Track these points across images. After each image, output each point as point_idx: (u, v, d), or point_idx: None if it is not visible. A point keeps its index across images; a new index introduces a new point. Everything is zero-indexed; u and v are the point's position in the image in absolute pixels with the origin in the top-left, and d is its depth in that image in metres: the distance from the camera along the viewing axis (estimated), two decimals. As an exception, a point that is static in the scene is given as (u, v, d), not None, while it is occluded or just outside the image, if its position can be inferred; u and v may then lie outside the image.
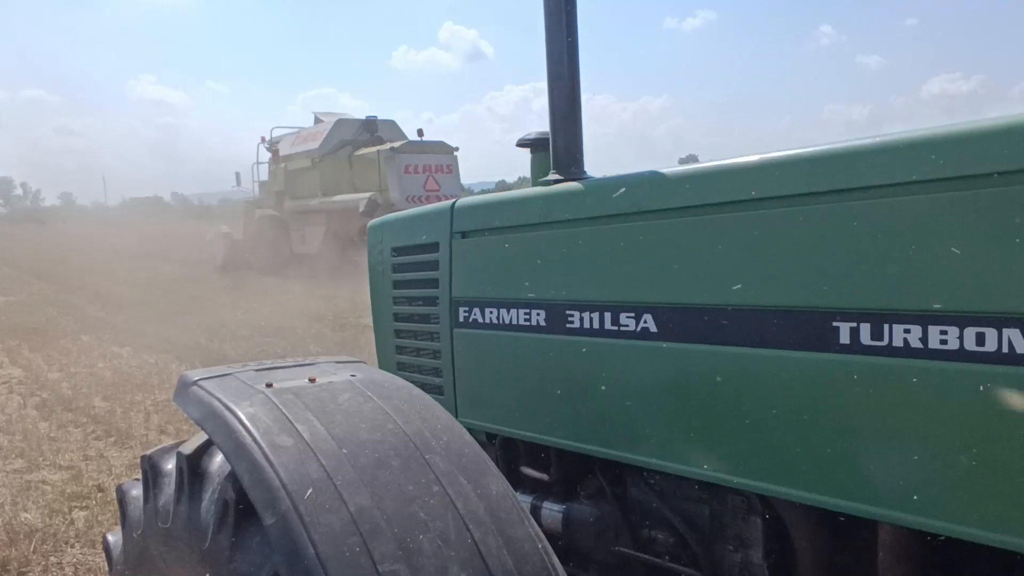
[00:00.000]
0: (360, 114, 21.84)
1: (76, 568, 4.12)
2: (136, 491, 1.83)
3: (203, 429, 1.53)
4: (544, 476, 2.15)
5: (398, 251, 2.47)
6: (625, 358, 1.79)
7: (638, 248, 1.75)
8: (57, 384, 8.51)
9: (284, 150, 22.26)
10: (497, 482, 1.46)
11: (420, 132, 19.95)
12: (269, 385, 1.57)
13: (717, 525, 1.82)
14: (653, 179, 1.75)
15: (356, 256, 16.15)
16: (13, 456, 6.08)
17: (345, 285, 14.64)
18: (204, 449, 1.60)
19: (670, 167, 1.77)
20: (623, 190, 1.79)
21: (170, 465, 1.69)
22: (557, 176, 2.02)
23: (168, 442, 5.61)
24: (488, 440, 2.24)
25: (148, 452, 1.76)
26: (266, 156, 23.47)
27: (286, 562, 1.26)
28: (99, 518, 4.76)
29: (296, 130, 22.69)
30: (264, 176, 23.67)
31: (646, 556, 1.93)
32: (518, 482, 2.17)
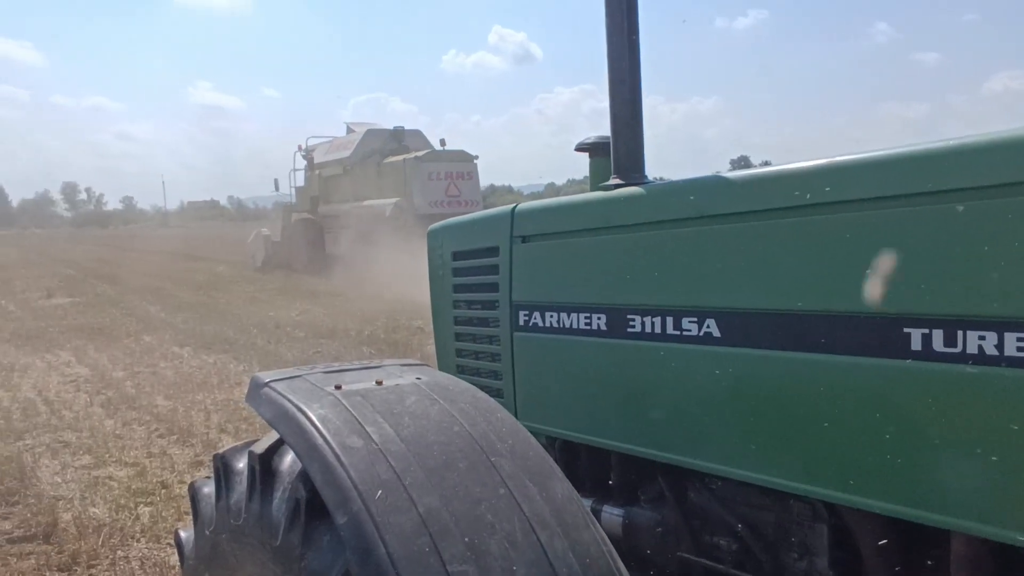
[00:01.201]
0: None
1: (142, 562, 4.24)
2: (208, 489, 1.88)
3: (275, 429, 1.57)
4: (604, 480, 2.16)
5: (458, 255, 2.50)
6: (687, 363, 1.79)
7: (701, 252, 1.74)
8: (121, 383, 8.77)
9: (319, 158, 24.04)
10: (562, 485, 1.47)
11: (443, 142, 21.71)
12: (338, 387, 1.60)
13: (781, 532, 1.80)
14: (717, 183, 1.75)
15: (383, 257, 17.38)
16: (81, 452, 6.28)
17: (392, 286, 15.16)
18: (275, 449, 1.64)
19: (734, 171, 1.76)
20: (686, 194, 1.79)
21: (241, 464, 1.74)
22: (618, 181, 2.03)
23: (228, 440, 5.76)
24: (548, 443, 2.25)
25: (220, 451, 1.81)
26: (302, 163, 25.24)
27: (357, 560, 1.28)
28: (163, 514, 4.89)
29: (330, 139, 24.48)
30: (300, 182, 25.40)
31: (708, 562, 1.92)
32: (578, 486, 2.17)
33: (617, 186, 2.01)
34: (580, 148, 2.51)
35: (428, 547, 1.27)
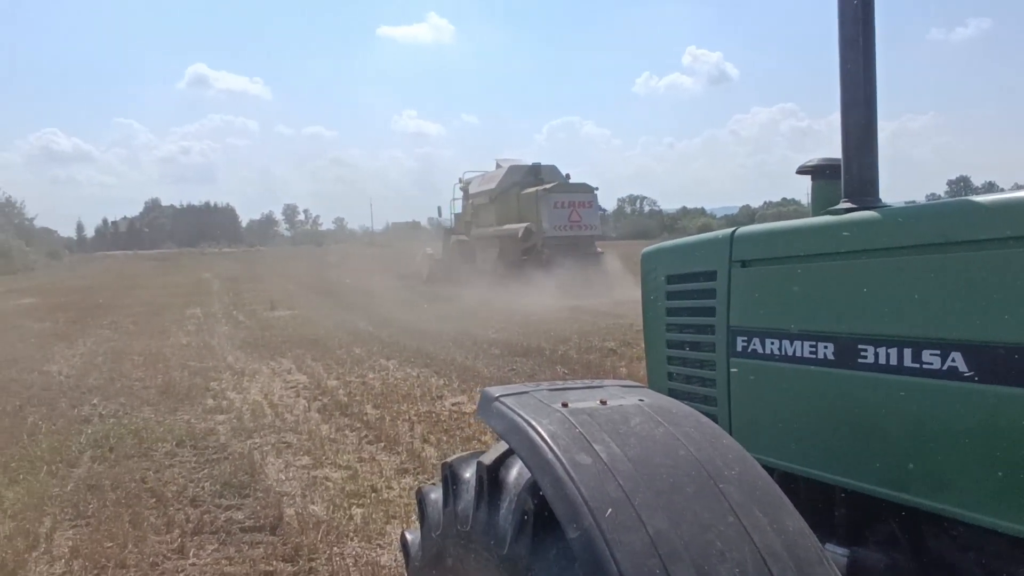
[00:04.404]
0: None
1: (356, 560, 4.53)
2: (435, 495, 1.99)
3: (507, 442, 1.63)
4: (827, 516, 2.06)
5: (672, 279, 2.49)
6: (928, 398, 1.68)
7: (947, 281, 1.63)
8: (335, 391, 9.44)
9: (472, 189, 28.65)
10: (793, 519, 1.42)
11: (568, 176, 26.05)
12: (564, 405, 1.64)
13: (1037, 589, 1.64)
14: (966, 207, 1.63)
15: (518, 272, 22.33)
16: (301, 453, 6.82)
17: (525, 297, 18.64)
18: (502, 460, 1.70)
19: (984, 195, 1.65)
20: (931, 219, 1.69)
21: (468, 473, 1.82)
22: (849, 204, 1.95)
23: (431, 450, 6.06)
24: (765, 474, 2.19)
25: (449, 460, 1.91)
26: (460, 194, 30.25)
27: (588, 576, 1.31)
28: (373, 516, 5.20)
29: (482, 173, 28.79)
30: (459, 209, 30.45)
31: (947, 614, 1.78)
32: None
33: (848, 210, 1.93)
34: (802, 171, 2.44)
35: (659, 569, 1.27)
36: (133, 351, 13.41)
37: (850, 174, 1.95)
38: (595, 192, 24.97)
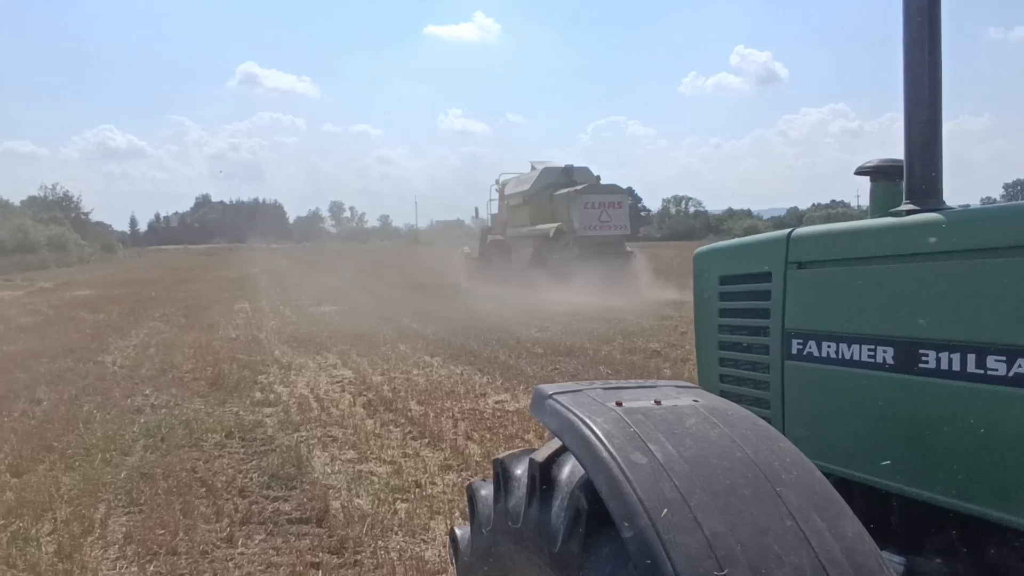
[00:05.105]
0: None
1: (400, 554, 4.57)
2: (486, 491, 2.00)
3: (560, 439, 1.64)
4: (882, 523, 2.02)
5: (726, 279, 2.47)
6: (992, 405, 1.64)
7: (1015, 285, 1.59)
8: (380, 386, 9.53)
9: (508, 191, 29.56)
10: (852, 524, 1.40)
11: (598, 178, 26.57)
12: (619, 404, 1.64)
13: (1105, 605, 1.60)
14: (1036, 210, 1.59)
15: (549, 271, 23.03)
16: (347, 447, 6.90)
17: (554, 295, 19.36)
18: (554, 458, 1.70)
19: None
20: (998, 222, 1.65)
21: (520, 470, 1.83)
22: (911, 206, 1.91)
23: (474, 447, 6.08)
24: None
25: (500, 456, 1.92)
26: (496, 195, 31.13)
27: None
28: (417, 511, 5.24)
29: (517, 175, 29.79)
30: (495, 210, 31.28)
31: (1008, 627, 1.74)
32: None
33: (910, 212, 1.89)
34: (861, 171, 2.39)
35: (715, 571, 1.26)
36: (184, 343, 13.69)
37: (913, 175, 1.92)
38: (626, 193, 25.67)
